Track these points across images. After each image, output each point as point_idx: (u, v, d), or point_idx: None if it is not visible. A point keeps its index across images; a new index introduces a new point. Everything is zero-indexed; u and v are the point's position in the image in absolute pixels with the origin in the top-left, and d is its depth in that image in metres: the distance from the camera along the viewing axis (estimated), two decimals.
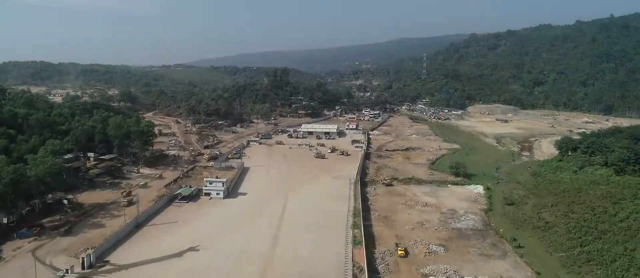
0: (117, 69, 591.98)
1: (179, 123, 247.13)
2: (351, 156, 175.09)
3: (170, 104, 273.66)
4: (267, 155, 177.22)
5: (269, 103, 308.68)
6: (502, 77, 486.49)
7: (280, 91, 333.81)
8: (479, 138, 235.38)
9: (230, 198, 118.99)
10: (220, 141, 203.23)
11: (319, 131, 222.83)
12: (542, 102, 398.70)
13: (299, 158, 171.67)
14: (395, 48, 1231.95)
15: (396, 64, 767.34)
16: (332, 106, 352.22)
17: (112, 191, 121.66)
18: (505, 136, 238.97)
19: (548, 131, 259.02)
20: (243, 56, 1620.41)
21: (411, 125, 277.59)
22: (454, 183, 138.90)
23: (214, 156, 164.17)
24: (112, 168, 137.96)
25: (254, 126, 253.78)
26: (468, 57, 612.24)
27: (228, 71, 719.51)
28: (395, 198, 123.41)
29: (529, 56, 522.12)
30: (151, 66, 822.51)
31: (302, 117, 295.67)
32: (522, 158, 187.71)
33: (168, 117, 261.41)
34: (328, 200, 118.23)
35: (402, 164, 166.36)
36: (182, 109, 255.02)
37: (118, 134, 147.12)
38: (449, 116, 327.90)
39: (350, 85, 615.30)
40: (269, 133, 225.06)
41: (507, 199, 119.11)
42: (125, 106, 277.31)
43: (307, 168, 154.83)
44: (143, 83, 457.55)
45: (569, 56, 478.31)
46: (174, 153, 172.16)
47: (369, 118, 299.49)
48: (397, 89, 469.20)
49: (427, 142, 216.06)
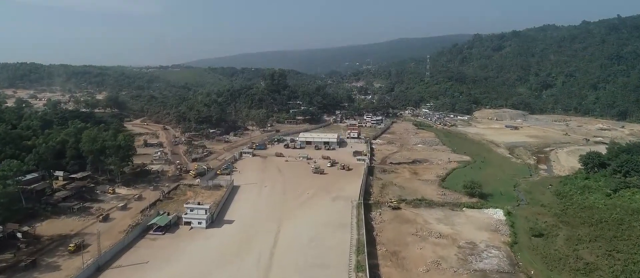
0: (110, 70, 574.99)
1: (168, 131, 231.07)
2: (353, 171, 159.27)
3: (160, 110, 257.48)
4: (261, 170, 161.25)
5: (266, 108, 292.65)
6: (508, 79, 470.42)
7: (278, 96, 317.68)
8: (490, 148, 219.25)
9: (214, 228, 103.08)
10: (210, 153, 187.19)
11: (317, 141, 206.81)
12: (551, 107, 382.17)
13: (296, 174, 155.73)
14: (395, 48, 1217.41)
15: (397, 65, 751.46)
16: (333, 110, 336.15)
17: (79, 218, 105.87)
18: (518, 146, 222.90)
19: (562, 140, 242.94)
20: (243, 56, 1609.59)
21: (416, 132, 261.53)
22: (470, 206, 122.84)
23: (201, 172, 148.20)
24: (83, 189, 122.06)
25: (248, 134, 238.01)
26: (472, 59, 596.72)
27: (226, 72, 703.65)
28: (404, 226, 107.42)
29: (535, 58, 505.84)
30: (148, 67, 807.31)
31: (300, 123, 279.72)
32: (540, 172, 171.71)
33: (157, 124, 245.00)
34: (327, 229, 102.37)
35: (410, 181, 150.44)
36: (172, 116, 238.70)
37: (92, 149, 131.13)
38: (456, 122, 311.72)
39: (350, 87, 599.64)
40: (264, 142, 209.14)
41: (533, 229, 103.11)
42: (112, 112, 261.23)
43: (304, 186, 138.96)
44: (136, 86, 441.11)
45: (577, 58, 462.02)
46: (157, 168, 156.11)
47: (371, 125, 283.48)
48: (399, 93, 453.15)
49: (435, 153, 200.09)
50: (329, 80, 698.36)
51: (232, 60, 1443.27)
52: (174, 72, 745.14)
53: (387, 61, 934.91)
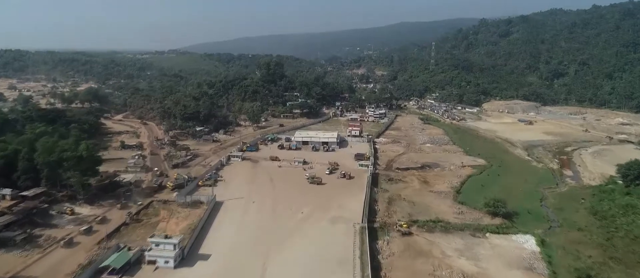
0: (101, 57, 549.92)
1: (151, 129, 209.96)
2: (355, 180, 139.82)
3: (144, 104, 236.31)
4: (250, 179, 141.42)
5: (260, 101, 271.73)
6: (517, 68, 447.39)
7: (274, 87, 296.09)
8: (506, 149, 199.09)
9: (184, 267, 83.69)
10: (195, 156, 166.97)
11: (315, 141, 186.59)
12: (564, 98, 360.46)
13: (290, 184, 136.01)
14: (396, 32, 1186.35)
15: (399, 50, 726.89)
16: (332, 102, 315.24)
17: (20, 254, 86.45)
18: (537, 145, 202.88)
19: (583, 138, 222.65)
20: (242, 41, 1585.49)
21: (423, 128, 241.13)
22: (494, 230, 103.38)
23: (179, 184, 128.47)
24: (34, 211, 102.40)
25: (240, 131, 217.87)
26: (478, 45, 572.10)
27: (222, 59, 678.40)
28: (418, 261, 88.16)
29: (545, 45, 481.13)
30: (142, 53, 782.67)
31: (297, 117, 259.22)
32: (566, 179, 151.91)
33: (140, 120, 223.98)
34: (324, 268, 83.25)
35: (420, 193, 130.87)
36: (155, 112, 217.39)
37: (48, 161, 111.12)
38: (465, 116, 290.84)
39: (351, 74, 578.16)
40: (256, 142, 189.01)
41: (579, 270, 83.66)
42: (90, 107, 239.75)
43: (299, 202, 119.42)
44: (125, 75, 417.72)
45: (590, 45, 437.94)
46: (131, 177, 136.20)
47: (373, 119, 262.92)
48: (403, 82, 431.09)
49: (446, 155, 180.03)
50: (329, 67, 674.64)
51: (231, 44, 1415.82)
52: (169, 58, 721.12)
53: (389, 45, 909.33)
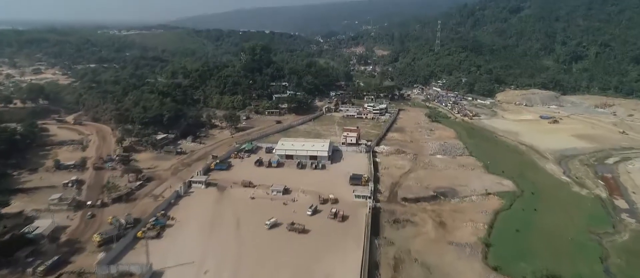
0: (77, 34, 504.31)
1: (104, 136, 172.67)
2: (349, 222, 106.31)
3: (100, 103, 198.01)
4: (209, 223, 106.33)
5: (242, 94, 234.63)
6: (531, 49, 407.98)
7: (259, 76, 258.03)
8: (534, 161, 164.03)
9: None
10: (148, 179, 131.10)
11: (301, 155, 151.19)
12: (585, 85, 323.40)
13: (261, 233, 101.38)
14: (396, 4, 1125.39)
15: (400, 26, 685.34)
16: (327, 92, 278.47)
17: None
18: (570, 156, 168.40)
19: (622, 142, 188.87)
20: (237, 13, 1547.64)
21: (430, 129, 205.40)
22: None
23: (108, 239, 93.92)
24: None
25: (214, 136, 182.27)
26: (485, 22, 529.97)
27: (211, 37, 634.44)
28: None
29: (560, 22, 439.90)
30: (128, 28, 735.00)
31: (284, 114, 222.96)
32: (622, 216, 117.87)
33: (95, 124, 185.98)
34: None
35: (436, 247, 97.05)
36: (110, 115, 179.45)
37: None
38: (477, 110, 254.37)
39: (349, 54, 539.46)
40: (228, 157, 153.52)
41: None
42: (36, 107, 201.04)
43: (269, 269, 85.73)
44: (97, 58, 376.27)
45: (612, 23, 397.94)
46: (46, 227, 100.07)
47: (373, 116, 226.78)
48: (405, 65, 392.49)
49: (462, 173, 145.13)
50: (325, 45, 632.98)
51: (224, 17, 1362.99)
52: (155, 35, 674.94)
53: (389, 19, 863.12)
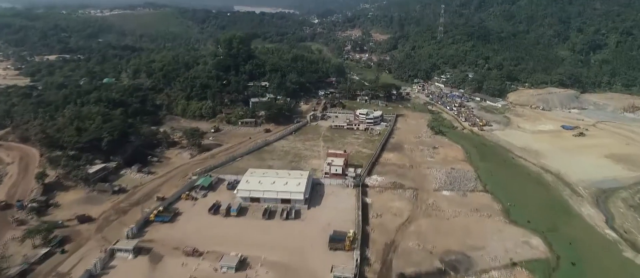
0: (46, 19, 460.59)
1: (28, 164, 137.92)
2: None
3: (31, 118, 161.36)
4: None
5: (212, 99, 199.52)
6: (543, 36, 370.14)
7: (234, 76, 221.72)
8: (565, 200, 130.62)
9: None
10: (62, 241, 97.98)
11: (271, 197, 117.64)
12: (607, 81, 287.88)
13: None
14: None
15: (400, 5, 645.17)
16: (315, 91, 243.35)
17: None
18: (610, 191, 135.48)
19: None
20: None
21: (434, 147, 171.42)
22: None
23: None
24: None
25: (170, 161, 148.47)
26: (492, 4, 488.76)
27: (197, 18, 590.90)
28: None
29: (575, 6, 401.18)
30: (113, 8, 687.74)
31: (261, 124, 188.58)
32: None
33: (23, 146, 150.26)
34: None
35: None
36: (36, 138, 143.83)
37: None
38: (488, 117, 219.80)
39: (344, 38, 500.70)
40: (175, 200, 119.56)
41: None
42: None
43: None
44: (62, 47, 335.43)
45: (634, 8, 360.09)
46: None
47: (366, 127, 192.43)
48: (404, 55, 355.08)
49: (476, 223, 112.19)
50: (319, 27, 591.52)
51: None
52: (138, 16, 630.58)
53: None
